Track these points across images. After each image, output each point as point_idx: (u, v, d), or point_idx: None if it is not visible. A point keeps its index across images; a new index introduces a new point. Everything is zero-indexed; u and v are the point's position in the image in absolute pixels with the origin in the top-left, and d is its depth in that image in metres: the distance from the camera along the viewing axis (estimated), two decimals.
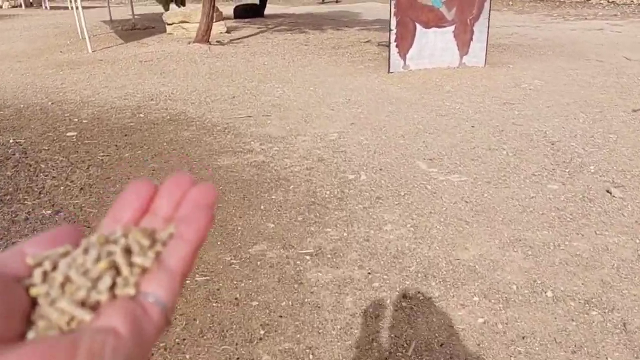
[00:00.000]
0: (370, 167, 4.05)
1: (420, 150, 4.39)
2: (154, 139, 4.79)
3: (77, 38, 11.11)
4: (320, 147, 4.55)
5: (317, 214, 3.30)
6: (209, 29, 9.56)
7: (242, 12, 15.19)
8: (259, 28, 12.66)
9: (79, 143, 4.71)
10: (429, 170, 3.95)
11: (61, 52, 9.72)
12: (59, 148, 4.58)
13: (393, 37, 7.12)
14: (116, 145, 4.64)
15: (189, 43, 9.75)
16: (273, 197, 3.58)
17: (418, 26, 7.19)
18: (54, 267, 0.33)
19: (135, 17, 13.91)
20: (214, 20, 10.01)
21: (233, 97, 6.26)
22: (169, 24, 11.38)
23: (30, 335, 0.30)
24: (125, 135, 4.92)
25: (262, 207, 3.43)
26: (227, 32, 11.66)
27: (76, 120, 5.44)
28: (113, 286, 0.33)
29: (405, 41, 7.18)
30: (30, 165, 4.16)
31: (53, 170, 4.10)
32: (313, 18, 15.02)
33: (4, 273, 0.32)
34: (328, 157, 4.31)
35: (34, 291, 0.32)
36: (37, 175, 3.97)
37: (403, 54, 7.23)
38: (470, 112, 5.47)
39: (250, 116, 5.51)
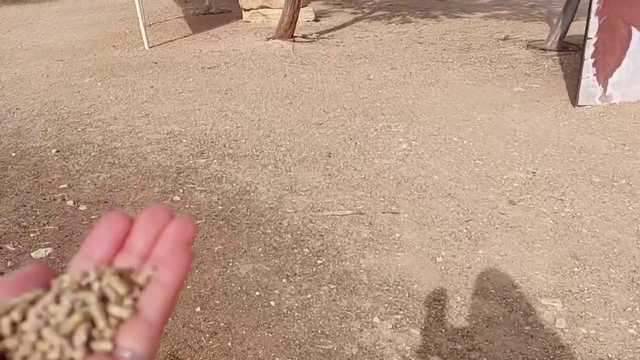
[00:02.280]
0: None
1: None
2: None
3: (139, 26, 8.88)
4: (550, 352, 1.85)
5: None
6: (293, 21, 6.88)
7: None
8: (353, 14, 9.81)
9: None
10: None
11: (114, 46, 7.49)
12: None
13: (590, 49, 4.11)
14: None
15: (268, 39, 7.14)
16: None
17: (635, 32, 4.12)
18: (24, 317, 0.29)
19: None
20: (301, 5, 7.28)
21: (329, 154, 3.63)
22: (245, 10, 8.83)
23: None
24: None
25: None
26: (316, 19, 8.94)
27: (70, 204, 3.06)
28: (88, 340, 0.28)
29: (610, 56, 4.14)
30: None
31: None
32: None
33: None
34: None
35: (2, 345, 0.28)
36: None
37: (604, 76, 4.20)
38: None
39: (361, 213, 2.87)
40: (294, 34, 7.06)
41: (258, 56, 6.43)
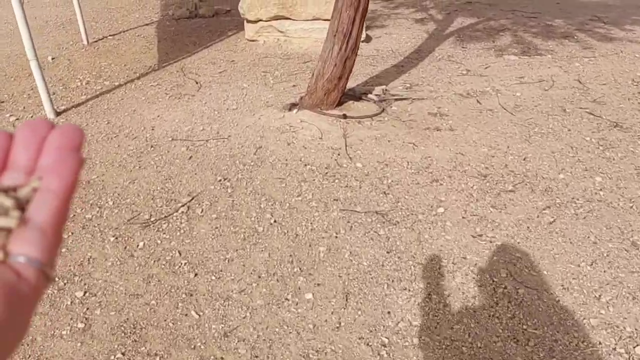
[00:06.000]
0: None
1: None
2: None
3: (80, 46, 5.08)
4: None
5: None
6: (344, 75, 2.99)
7: None
8: (418, 22, 5.81)
9: None
10: None
11: (2, 103, 3.74)
12: None
13: None
14: None
15: (291, 107, 3.29)
16: None
17: None
18: None
19: None
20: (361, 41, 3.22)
21: None
22: (250, 22, 4.91)
23: None
24: None
25: None
26: (365, 39, 5.02)
27: None
28: None
29: None
30: None
31: None
32: None
33: None
34: None
35: None
36: None
37: None
38: None
39: None
40: (342, 98, 3.20)
41: (267, 171, 2.62)
